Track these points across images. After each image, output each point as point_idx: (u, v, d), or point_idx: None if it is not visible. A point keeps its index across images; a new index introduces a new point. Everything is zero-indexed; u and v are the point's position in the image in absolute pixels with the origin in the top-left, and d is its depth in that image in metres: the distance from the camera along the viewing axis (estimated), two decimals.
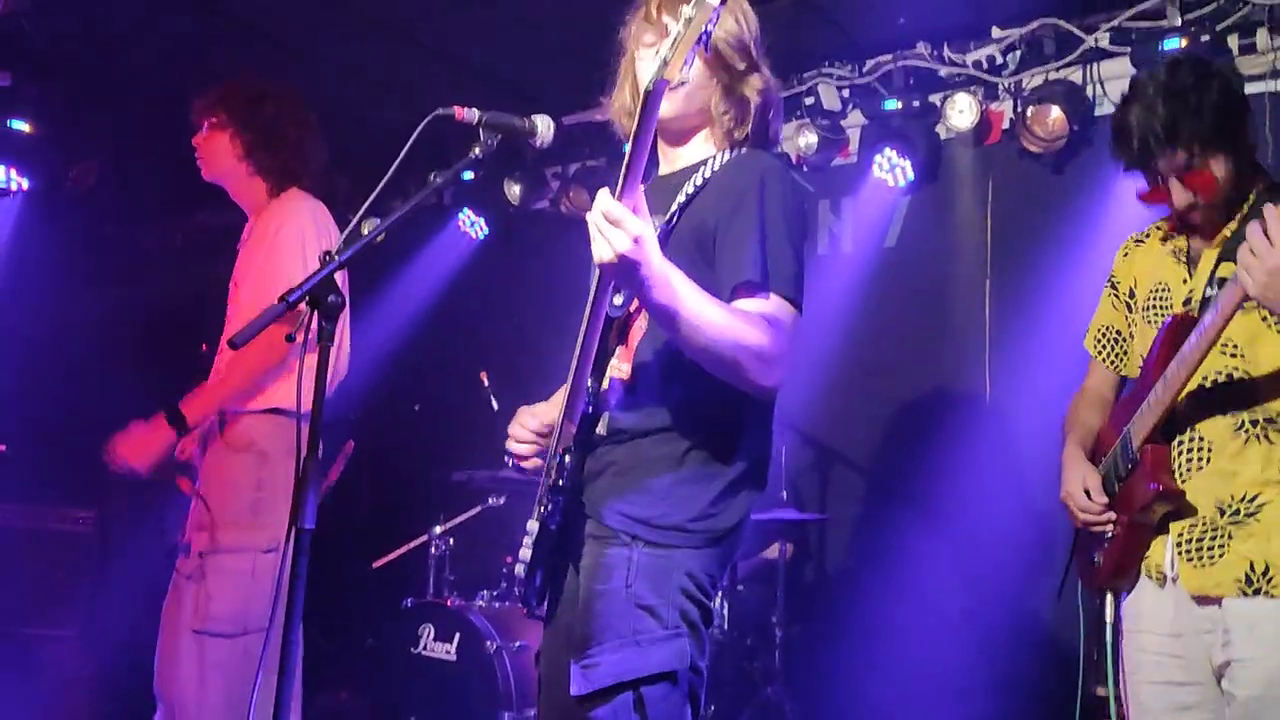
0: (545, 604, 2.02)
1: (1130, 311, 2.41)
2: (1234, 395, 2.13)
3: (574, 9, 4.15)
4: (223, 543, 2.92)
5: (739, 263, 1.83)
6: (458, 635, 3.99)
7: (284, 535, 2.85)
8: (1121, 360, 2.47)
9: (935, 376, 4.49)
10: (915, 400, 4.55)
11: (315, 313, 1.79)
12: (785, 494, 4.23)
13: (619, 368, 1.96)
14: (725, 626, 4.07)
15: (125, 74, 4.79)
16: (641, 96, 1.61)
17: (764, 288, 1.83)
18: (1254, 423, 2.11)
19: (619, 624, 1.84)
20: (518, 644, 3.91)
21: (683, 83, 1.69)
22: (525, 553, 1.96)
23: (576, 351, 1.86)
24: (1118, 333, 2.47)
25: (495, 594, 4.20)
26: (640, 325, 1.96)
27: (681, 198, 1.95)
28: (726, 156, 1.99)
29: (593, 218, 1.64)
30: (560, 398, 2.10)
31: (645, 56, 2.00)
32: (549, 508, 1.90)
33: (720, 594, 4.09)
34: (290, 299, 1.75)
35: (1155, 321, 2.27)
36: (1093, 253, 4.03)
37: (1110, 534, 2.26)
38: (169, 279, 3.13)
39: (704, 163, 1.99)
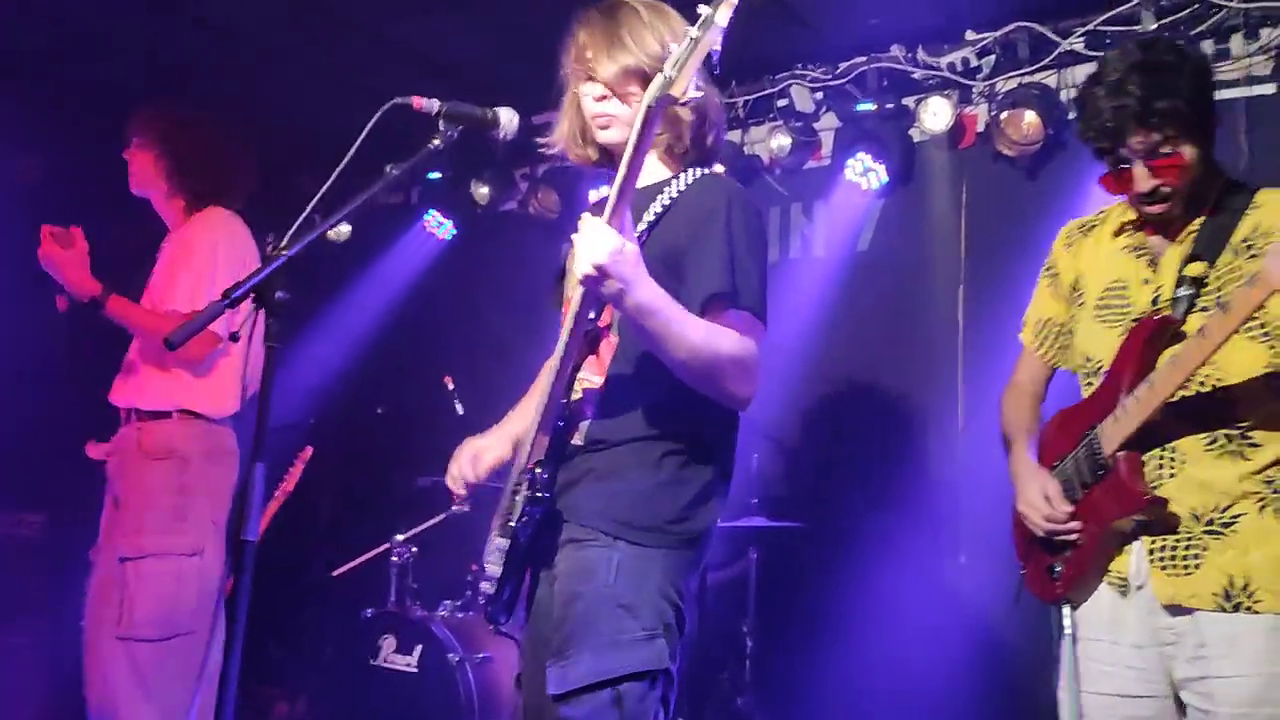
0: (511, 619, 2.04)
1: (1071, 305, 2.33)
2: (1208, 405, 2.08)
3: (541, 9, 4.08)
4: (145, 548, 2.95)
5: (709, 279, 1.91)
6: (419, 647, 3.89)
7: (208, 539, 2.83)
8: (1062, 354, 2.40)
9: (908, 381, 4.45)
10: (888, 405, 4.50)
11: (261, 310, 1.70)
12: (756, 501, 4.16)
13: (590, 379, 2.02)
14: (696, 635, 3.99)
15: (85, 74, 4.68)
16: (642, 111, 1.69)
17: (734, 302, 1.91)
18: (1228, 436, 2.07)
19: (600, 623, 1.88)
20: (481, 656, 3.81)
21: (688, 100, 1.74)
22: (494, 569, 1.99)
23: (555, 366, 1.92)
24: (1060, 325, 2.39)
25: (459, 604, 4.10)
26: (610, 338, 2.03)
27: (650, 216, 2.01)
28: (690, 178, 2.05)
29: (577, 236, 1.73)
30: (511, 424, 2.25)
31: (587, 92, 2.06)
32: (524, 520, 1.93)
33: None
34: (234, 295, 1.66)
35: (1111, 321, 2.20)
36: None
37: (1077, 542, 2.19)
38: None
39: (667, 184, 2.05)
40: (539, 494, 1.92)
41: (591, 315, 1.95)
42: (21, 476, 4.28)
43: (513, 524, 1.96)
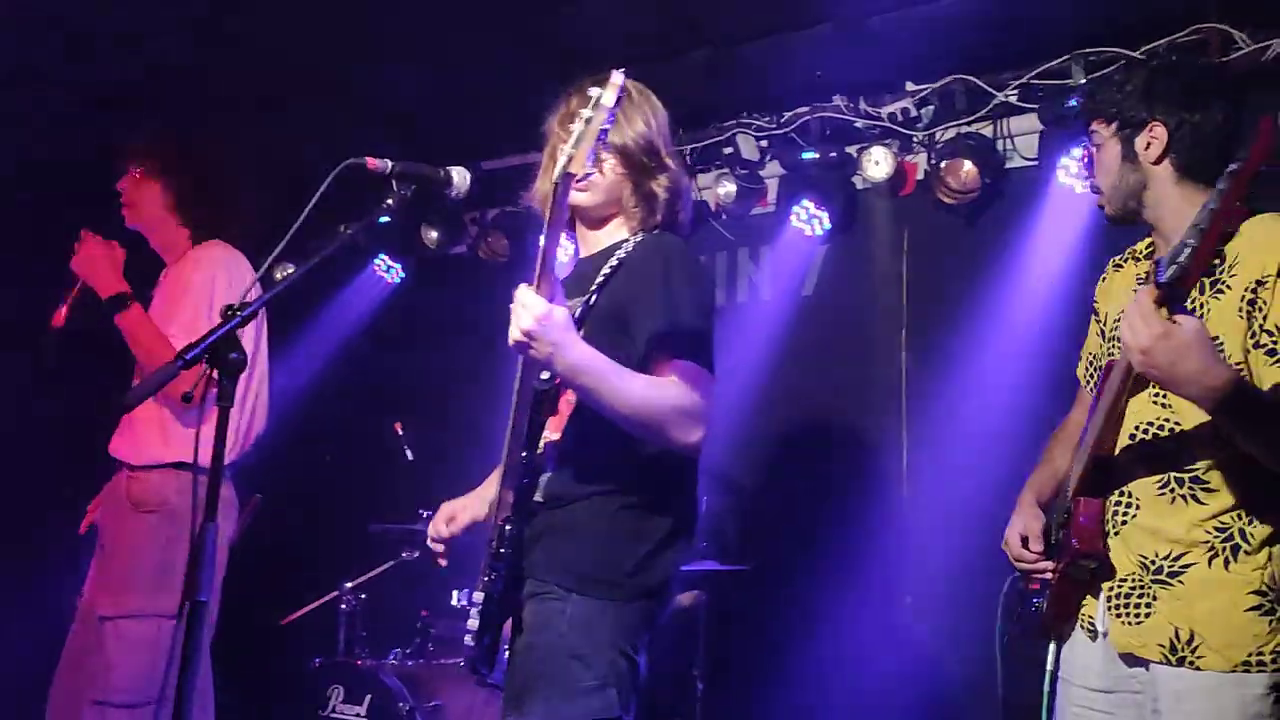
0: (494, 671, 2.08)
1: (1104, 340, 2.27)
2: (1161, 449, 2.02)
3: (494, 56, 4.14)
4: (128, 606, 2.85)
5: (652, 333, 1.99)
6: (369, 696, 3.85)
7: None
8: None
9: (853, 423, 4.51)
10: (833, 447, 4.56)
11: (215, 370, 1.70)
12: (705, 544, 4.18)
13: (551, 436, 2.08)
14: (646, 679, 3.98)
15: (44, 116, 4.63)
16: (552, 188, 1.82)
17: (677, 353, 1.98)
18: (1179, 481, 2.00)
19: (553, 672, 1.94)
20: (432, 704, 3.78)
21: (588, 174, 1.87)
22: (473, 622, 2.04)
23: (509, 427, 1.98)
24: (1096, 359, 2.32)
25: (408, 652, 4.06)
26: (570, 396, 2.07)
27: (600, 279, 2.09)
28: (638, 239, 2.16)
29: (514, 306, 1.82)
30: (488, 486, 2.30)
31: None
32: (492, 576, 1.99)
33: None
34: (187, 357, 1.66)
35: (1116, 354, 2.11)
36: (1005, 302, 4.12)
37: (1051, 583, 2.17)
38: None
39: (619, 246, 2.15)
40: (502, 550, 1.99)
41: (546, 375, 1.99)
42: None
43: (486, 579, 2.02)
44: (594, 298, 2.10)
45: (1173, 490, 2.00)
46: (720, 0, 3.90)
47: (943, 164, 4.18)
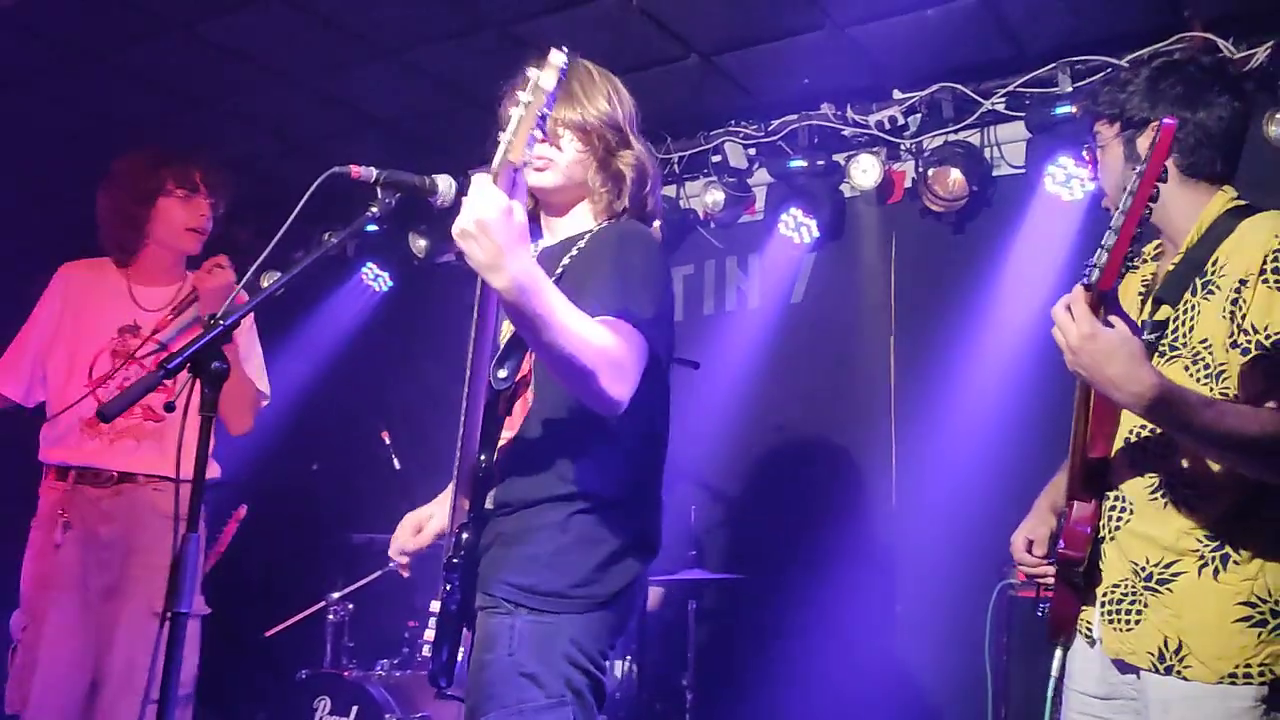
0: (454, 682, 1.99)
1: None
2: (1153, 453, 1.99)
3: (477, 61, 4.13)
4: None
5: (595, 305, 1.85)
6: (355, 708, 3.82)
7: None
8: None
9: (842, 429, 4.51)
10: (822, 454, 4.56)
11: (197, 380, 1.68)
12: (695, 553, 4.18)
13: (507, 440, 2.00)
14: (634, 690, 3.97)
15: (18, 121, 4.61)
16: (491, 179, 1.67)
17: (615, 308, 1.86)
18: (1171, 485, 1.96)
19: (503, 693, 1.85)
20: (418, 716, 3.75)
21: (526, 163, 1.73)
22: (430, 633, 1.97)
23: (460, 430, 1.90)
24: None
25: (396, 662, 4.04)
26: (526, 398, 2.00)
27: (559, 270, 2.00)
28: (601, 227, 2.07)
29: (466, 197, 1.67)
30: (449, 488, 2.13)
31: None
32: (447, 587, 1.92)
33: (628, 657, 4.00)
34: (169, 366, 1.64)
35: None
36: (992, 309, 4.12)
37: (1052, 587, 2.16)
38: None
39: (582, 236, 2.06)
40: (452, 559, 1.92)
41: (503, 374, 1.94)
42: None
43: (443, 589, 1.95)
44: (556, 283, 1.95)
45: (1164, 495, 1.97)
46: (708, 8, 3.89)
47: (930, 171, 4.19)
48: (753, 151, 4.63)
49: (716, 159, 4.62)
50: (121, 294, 3.22)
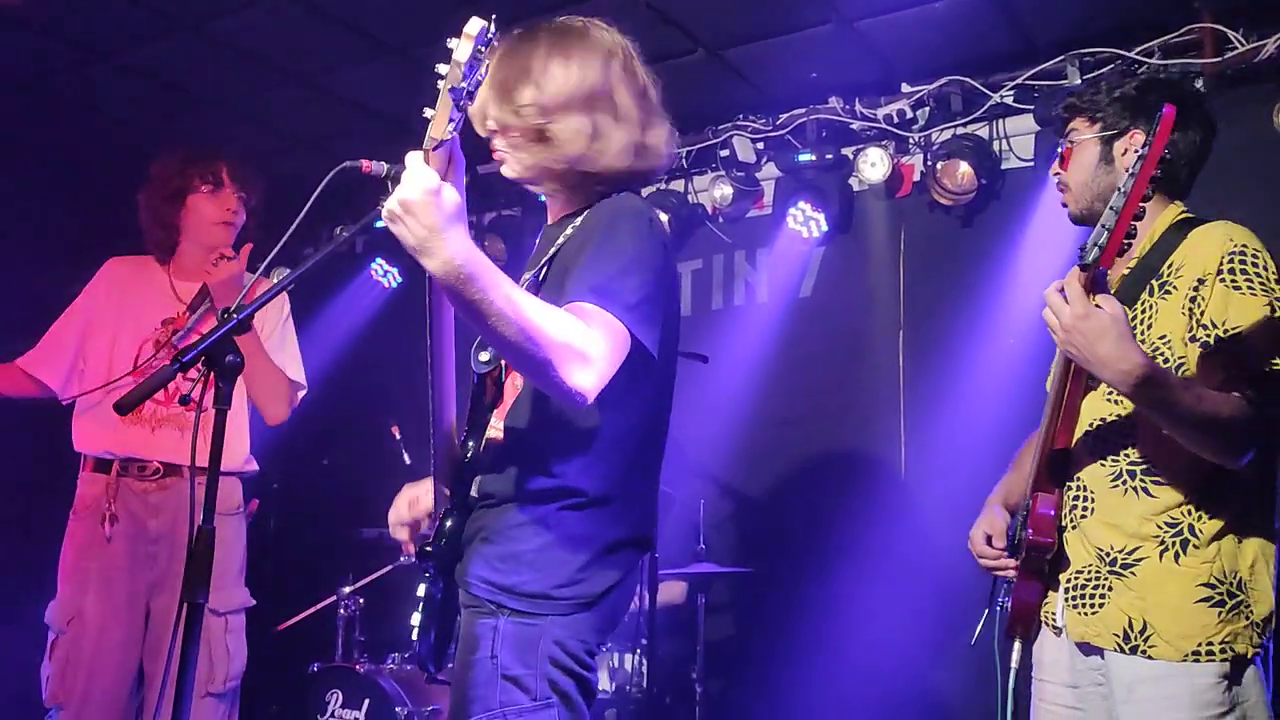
0: (443, 667, 1.98)
1: None
2: (1113, 442, 2.10)
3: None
4: (234, 602, 3.16)
5: (573, 287, 1.76)
6: (367, 701, 3.84)
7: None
8: None
9: (851, 424, 4.51)
10: (831, 448, 4.56)
11: (212, 374, 1.70)
12: (703, 547, 4.19)
13: (496, 427, 1.92)
14: (644, 684, 3.98)
15: (18, 120, 4.63)
16: (422, 156, 1.58)
17: (590, 295, 1.74)
18: (1131, 473, 2.06)
19: (487, 696, 1.79)
20: (430, 709, 3.78)
21: (445, 141, 1.60)
22: (416, 617, 1.95)
23: (430, 413, 1.81)
24: None
25: (406, 656, 4.06)
26: (515, 382, 1.92)
27: (553, 250, 1.93)
28: (596, 205, 1.94)
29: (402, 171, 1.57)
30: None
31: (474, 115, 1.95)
32: (428, 574, 1.88)
33: (638, 651, 4.01)
34: (184, 360, 1.65)
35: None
36: (1001, 302, 4.12)
37: (1012, 580, 2.24)
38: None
39: (580, 213, 1.95)
40: (427, 548, 1.86)
41: (486, 357, 1.88)
42: None
43: (425, 575, 1.92)
44: (544, 270, 1.92)
45: (1125, 482, 2.06)
46: (715, 3, 3.90)
47: (939, 165, 4.18)
48: (761, 145, 4.63)
49: (724, 153, 4.62)
50: (164, 288, 3.28)
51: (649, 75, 2.01)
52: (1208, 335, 1.99)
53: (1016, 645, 2.23)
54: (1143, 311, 2.10)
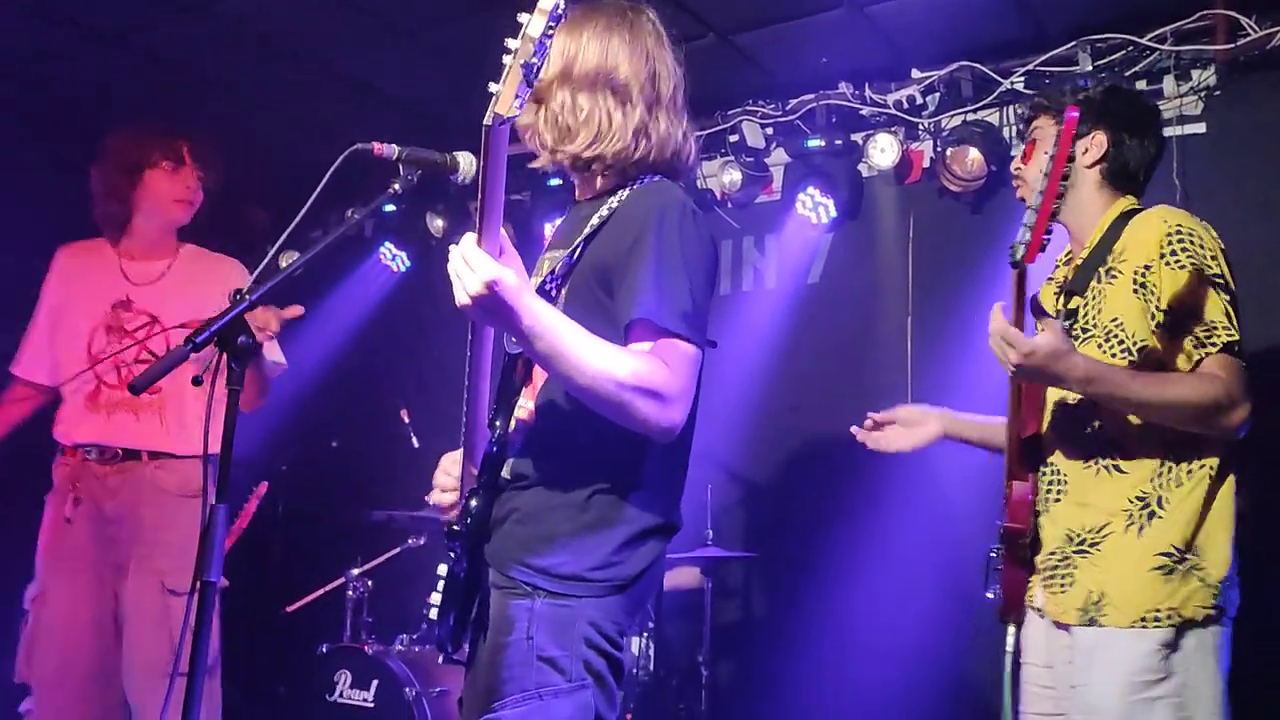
0: (460, 648, 1.95)
1: None
2: (1081, 425, 2.20)
3: (494, 40, 4.13)
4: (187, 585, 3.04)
5: (631, 302, 1.77)
6: (375, 682, 3.86)
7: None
8: None
9: (859, 410, 4.46)
10: (838, 435, 4.53)
11: (224, 354, 1.71)
12: (710, 532, 4.20)
13: (525, 407, 1.91)
14: (651, 667, 4.01)
15: (30, 102, 4.65)
16: (483, 134, 1.57)
17: (656, 326, 1.76)
18: (1102, 453, 2.17)
19: (522, 677, 1.79)
20: (437, 690, 3.80)
21: (510, 118, 1.59)
22: (436, 596, 1.92)
23: (465, 392, 1.81)
24: None
25: (414, 637, 4.07)
26: None
27: (587, 230, 1.88)
28: (634, 187, 1.92)
29: (452, 263, 1.62)
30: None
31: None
32: (454, 554, 1.85)
33: (645, 635, 4.03)
34: (197, 340, 1.66)
35: None
36: (1009, 289, 4.11)
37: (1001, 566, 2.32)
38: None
39: (612, 193, 1.92)
40: (455, 528, 1.84)
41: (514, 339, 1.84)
42: None
43: (450, 555, 1.89)
44: (579, 251, 1.88)
45: (1096, 462, 2.18)
46: None
47: (948, 151, 4.17)
48: (770, 131, 4.62)
49: (734, 138, 4.62)
50: (113, 270, 3.25)
51: (679, 69, 2.04)
52: (1164, 317, 2.12)
53: (1010, 630, 2.31)
54: (1092, 299, 2.24)
